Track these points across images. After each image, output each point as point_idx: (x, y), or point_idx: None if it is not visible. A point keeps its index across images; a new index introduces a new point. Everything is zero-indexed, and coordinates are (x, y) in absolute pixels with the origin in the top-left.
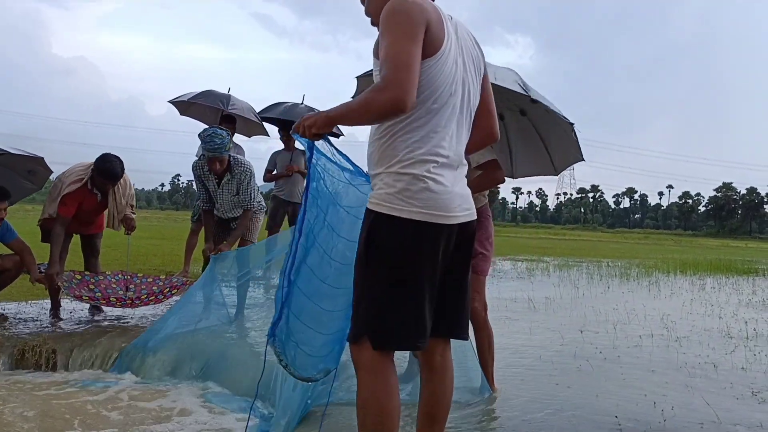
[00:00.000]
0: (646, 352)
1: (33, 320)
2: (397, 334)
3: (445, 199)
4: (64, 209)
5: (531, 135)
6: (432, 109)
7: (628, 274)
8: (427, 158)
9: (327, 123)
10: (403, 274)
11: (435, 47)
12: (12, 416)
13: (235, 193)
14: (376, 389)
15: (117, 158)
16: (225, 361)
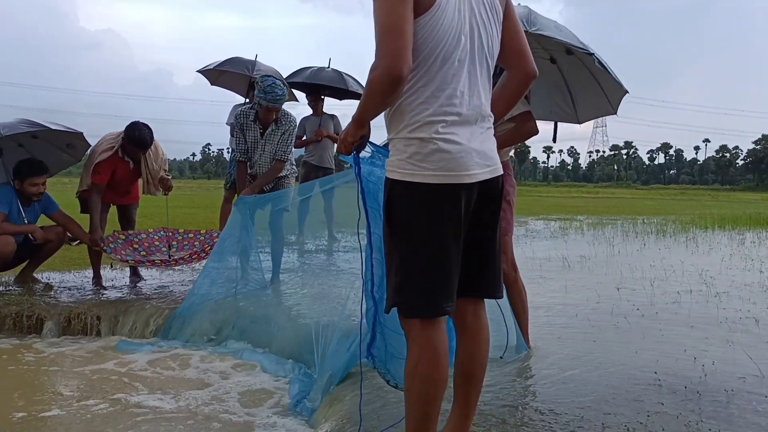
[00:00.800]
0: (684, 308)
1: (77, 289)
2: (423, 302)
3: (460, 158)
4: (98, 177)
5: (558, 81)
6: (434, 68)
7: (665, 230)
8: (434, 119)
9: (356, 126)
10: (425, 240)
11: (428, 3)
12: (60, 378)
13: (276, 143)
14: (422, 358)
15: (146, 126)
16: (262, 325)
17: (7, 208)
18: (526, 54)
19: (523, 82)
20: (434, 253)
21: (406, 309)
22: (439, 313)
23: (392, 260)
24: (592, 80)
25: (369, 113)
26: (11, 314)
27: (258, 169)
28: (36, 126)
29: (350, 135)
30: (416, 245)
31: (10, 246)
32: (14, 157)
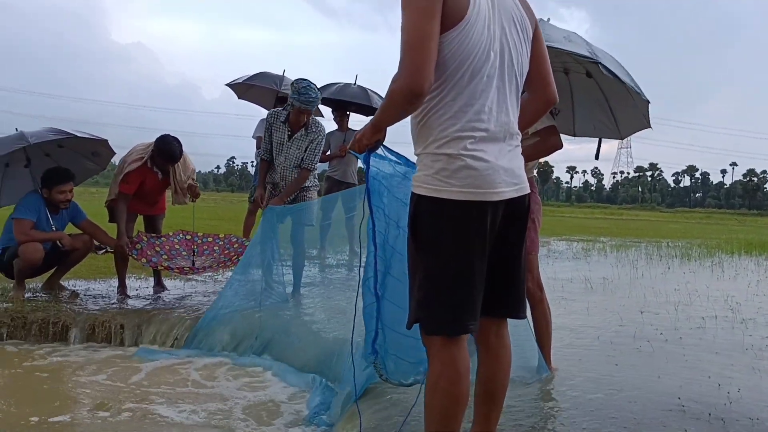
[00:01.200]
0: (709, 334)
1: (102, 297)
2: (447, 319)
3: (488, 175)
4: (126, 187)
5: (598, 97)
6: (462, 82)
7: (690, 254)
8: (461, 135)
9: (373, 130)
10: (449, 257)
11: (457, 17)
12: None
13: (303, 150)
14: (443, 375)
15: (176, 139)
16: (283, 338)
17: (36, 215)
18: (549, 80)
19: (542, 107)
20: (460, 270)
21: (429, 325)
22: (463, 330)
23: (416, 275)
24: (626, 93)
25: (386, 122)
26: (37, 320)
27: (281, 171)
28: (62, 134)
29: (366, 137)
30: (442, 262)
31: (39, 253)
32: (42, 167)
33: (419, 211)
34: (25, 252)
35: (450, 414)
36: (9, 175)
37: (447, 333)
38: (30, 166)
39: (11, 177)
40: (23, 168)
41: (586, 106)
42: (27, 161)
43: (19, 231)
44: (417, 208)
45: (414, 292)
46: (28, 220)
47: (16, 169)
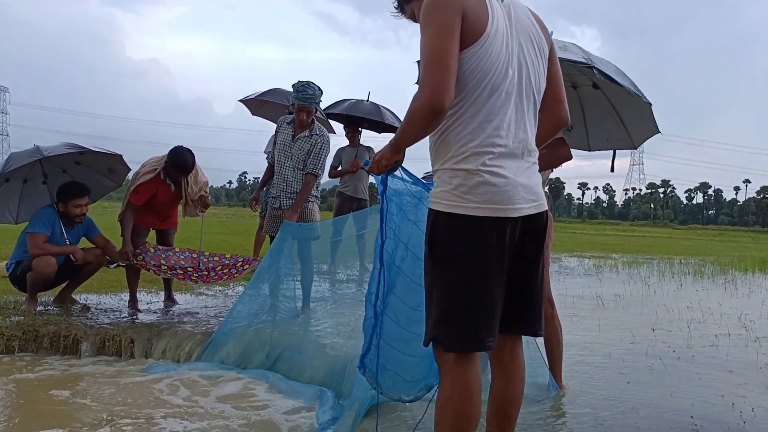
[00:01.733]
0: (722, 352)
1: (113, 311)
2: (465, 336)
3: (506, 191)
4: (136, 197)
5: (608, 109)
6: (481, 98)
7: (702, 271)
8: (480, 150)
9: (392, 151)
10: (467, 273)
11: (476, 35)
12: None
13: (305, 152)
14: (454, 392)
15: (189, 151)
16: (293, 354)
17: (50, 229)
18: (562, 101)
19: (554, 127)
20: (479, 286)
21: (447, 342)
22: (482, 347)
23: (433, 292)
24: (630, 99)
25: (407, 141)
26: (49, 333)
27: (286, 172)
28: (76, 148)
29: (385, 158)
30: (461, 278)
31: (52, 266)
32: (58, 183)
33: (437, 227)
34: (39, 265)
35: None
36: (27, 191)
37: (466, 349)
38: (47, 182)
39: (29, 193)
40: (41, 184)
41: (597, 119)
42: (44, 177)
43: (33, 245)
44: (434, 224)
45: (432, 309)
46: (42, 234)
47: (34, 186)
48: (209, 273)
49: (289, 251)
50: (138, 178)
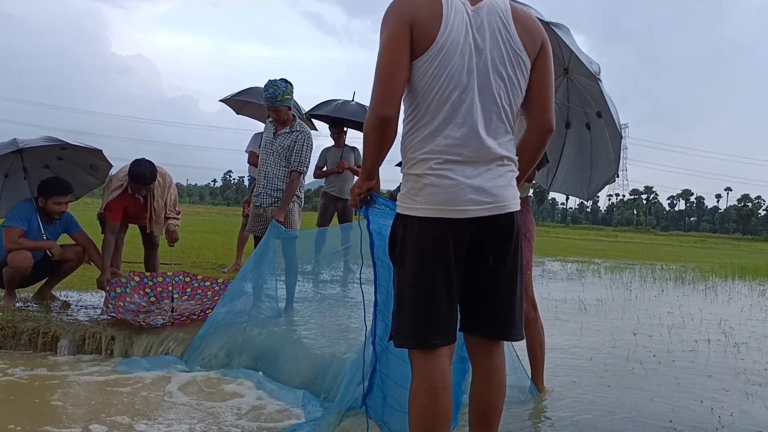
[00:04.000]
0: (702, 357)
1: (93, 308)
2: (410, 333)
3: (452, 193)
4: (111, 215)
5: (584, 153)
6: (432, 108)
7: (683, 277)
8: (427, 157)
9: (364, 176)
10: (412, 272)
11: (425, 45)
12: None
13: (285, 147)
14: (419, 389)
15: (148, 163)
16: (275, 354)
17: (26, 224)
18: (546, 108)
19: (540, 136)
20: (421, 285)
21: (396, 338)
22: (426, 345)
23: (394, 291)
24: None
25: (370, 161)
26: (27, 330)
27: (268, 169)
28: (55, 141)
29: (357, 186)
30: (406, 277)
31: (27, 261)
32: (39, 177)
33: (394, 228)
34: (14, 260)
35: (428, 430)
36: (8, 185)
37: (411, 346)
38: (28, 176)
39: (10, 188)
40: (22, 179)
41: (569, 163)
42: (24, 172)
43: (8, 239)
44: (393, 225)
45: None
46: (18, 228)
47: (16, 180)
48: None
49: (273, 250)
50: (109, 193)
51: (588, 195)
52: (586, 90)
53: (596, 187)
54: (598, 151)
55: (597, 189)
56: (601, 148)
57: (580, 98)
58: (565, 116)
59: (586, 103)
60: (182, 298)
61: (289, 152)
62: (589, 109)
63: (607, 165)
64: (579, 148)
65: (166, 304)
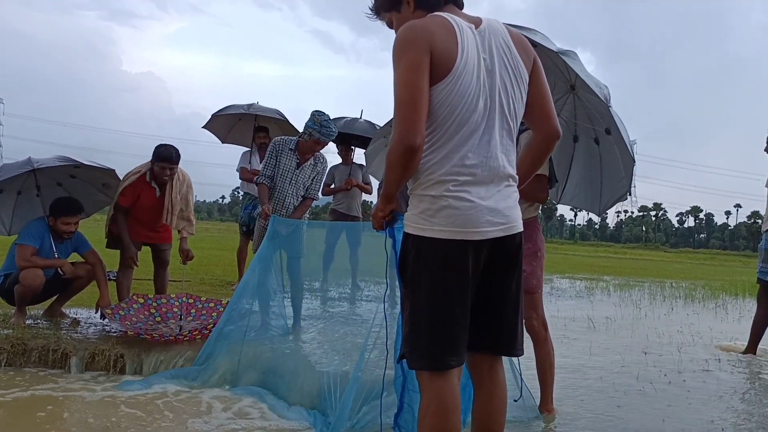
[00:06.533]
0: (713, 377)
1: (103, 325)
2: (427, 354)
3: (470, 215)
4: (123, 199)
5: (594, 167)
6: (450, 131)
7: (693, 295)
8: (445, 179)
9: (384, 202)
10: (429, 294)
11: (445, 71)
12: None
13: (308, 178)
14: (429, 409)
15: (173, 146)
16: (282, 372)
17: (38, 242)
18: (550, 115)
19: (547, 142)
20: (438, 306)
21: (411, 360)
22: (443, 366)
23: (405, 312)
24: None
25: (392, 185)
26: (38, 347)
27: (287, 199)
28: (69, 161)
29: (380, 210)
30: (422, 298)
31: (39, 279)
32: (53, 196)
33: (405, 249)
34: (26, 278)
35: None
36: (21, 202)
37: (428, 368)
38: (41, 194)
39: (23, 205)
40: (35, 197)
41: (578, 177)
42: (37, 190)
43: (21, 257)
44: (404, 245)
45: (403, 328)
46: (30, 247)
47: (29, 198)
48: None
49: (278, 267)
50: (124, 181)
51: (599, 209)
52: (593, 107)
53: (607, 203)
54: (608, 167)
55: (608, 204)
56: (611, 164)
57: (588, 114)
58: (573, 131)
59: (594, 119)
60: (187, 318)
61: (309, 181)
62: (597, 125)
63: (618, 182)
64: (588, 162)
65: (173, 323)
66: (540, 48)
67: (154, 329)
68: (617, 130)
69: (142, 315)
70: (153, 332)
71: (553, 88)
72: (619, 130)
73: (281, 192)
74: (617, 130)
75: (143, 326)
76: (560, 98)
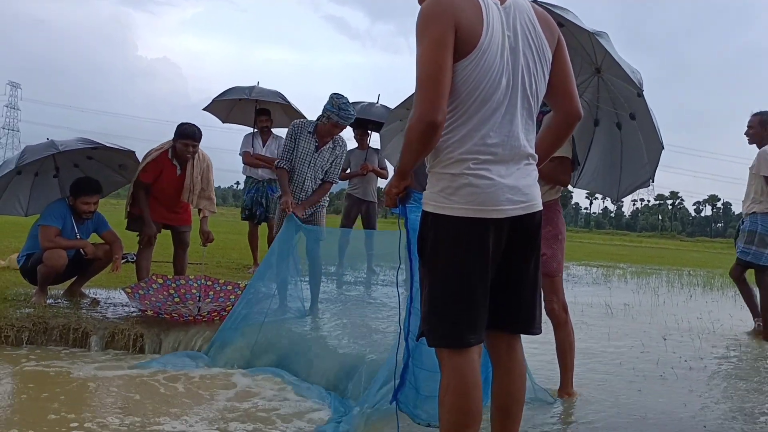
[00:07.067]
0: (734, 363)
1: (122, 305)
2: (448, 333)
3: (490, 193)
4: (144, 175)
5: (614, 152)
6: (472, 108)
7: (712, 283)
8: (466, 157)
9: (399, 178)
10: (450, 273)
11: (469, 47)
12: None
13: (326, 161)
14: (450, 387)
15: (195, 125)
16: (299, 354)
17: (61, 223)
18: (572, 95)
19: (567, 122)
20: (458, 285)
21: (431, 338)
22: (463, 344)
23: (423, 290)
24: (641, 148)
25: (409, 163)
26: (59, 326)
27: (306, 182)
28: (91, 143)
29: (394, 186)
30: (442, 276)
31: (63, 260)
32: (70, 177)
33: (424, 227)
34: (49, 258)
35: (459, 427)
36: (38, 184)
37: (449, 345)
38: (59, 176)
39: (40, 186)
40: (52, 178)
41: (597, 160)
42: (56, 171)
43: (45, 237)
44: (423, 224)
45: (422, 306)
46: (54, 227)
47: (45, 179)
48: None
49: (296, 251)
50: (146, 158)
51: (617, 195)
52: (618, 91)
53: (626, 189)
54: (630, 152)
55: (627, 191)
56: (633, 150)
57: (611, 98)
58: (594, 114)
59: (618, 103)
60: (205, 300)
61: (328, 165)
62: (621, 110)
63: (640, 168)
64: (608, 147)
65: (191, 304)
66: (568, 28)
67: (173, 309)
68: (646, 115)
69: (161, 295)
70: (172, 312)
71: (578, 70)
72: (649, 115)
73: (300, 175)
74: (646, 115)
75: (162, 306)
76: (584, 81)
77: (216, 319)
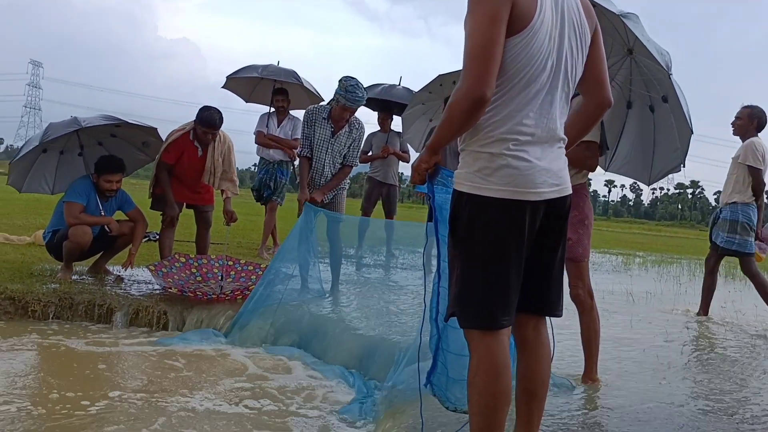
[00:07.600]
0: (760, 353)
1: (146, 283)
2: (481, 314)
3: (528, 175)
4: (167, 155)
5: (647, 136)
6: (517, 88)
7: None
8: (506, 137)
9: (430, 153)
10: (486, 253)
11: (522, 24)
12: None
13: (344, 146)
14: (480, 368)
15: (217, 110)
16: (319, 334)
17: (86, 200)
18: (604, 83)
19: (598, 110)
20: (494, 267)
21: (463, 319)
22: (496, 325)
23: (453, 270)
24: (673, 132)
25: (445, 138)
26: (84, 302)
27: (325, 168)
28: (114, 120)
29: (424, 161)
30: (477, 258)
31: (88, 236)
32: (94, 155)
33: (458, 207)
34: (75, 234)
35: (489, 410)
36: (63, 162)
37: (481, 326)
38: (83, 153)
39: (65, 164)
40: (77, 156)
41: (630, 144)
42: (81, 149)
43: (70, 214)
44: (456, 204)
45: (451, 286)
46: (78, 204)
47: (71, 157)
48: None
49: (314, 232)
50: (168, 138)
51: (649, 180)
52: (651, 73)
53: (658, 173)
54: (663, 136)
55: (659, 175)
56: (666, 133)
57: (644, 80)
58: (627, 96)
59: (650, 85)
60: (227, 279)
61: (347, 150)
62: (653, 92)
63: (672, 153)
64: (641, 130)
65: (213, 283)
66: (599, 9)
67: (195, 287)
68: (676, 98)
69: (184, 274)
70: (196, 290)
71: (610, 51)
72: (678, 98)
73: (318, 161)
74: (676, 98)
75: (185, 284)
76: (616, 62)
77: (239, 298)
